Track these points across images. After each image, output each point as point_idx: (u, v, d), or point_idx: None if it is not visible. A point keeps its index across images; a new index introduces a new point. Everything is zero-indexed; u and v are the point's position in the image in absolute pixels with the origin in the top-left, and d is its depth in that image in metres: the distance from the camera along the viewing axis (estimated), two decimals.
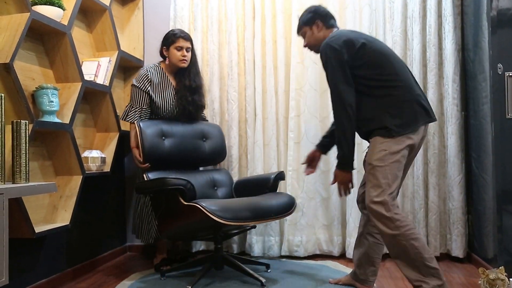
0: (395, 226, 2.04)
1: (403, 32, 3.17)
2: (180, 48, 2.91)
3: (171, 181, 2.41)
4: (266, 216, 2.46)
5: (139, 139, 2.76)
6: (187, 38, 2.95)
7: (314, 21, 2.40)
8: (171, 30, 3.00)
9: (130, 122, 2.88)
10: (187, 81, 2.96)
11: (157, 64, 3.00)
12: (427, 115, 2.19)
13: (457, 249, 3.00)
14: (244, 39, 3.30)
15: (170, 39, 2.94)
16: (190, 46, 2.96)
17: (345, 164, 2.23)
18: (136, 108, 2.89)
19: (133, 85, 2.92)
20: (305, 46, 2.51)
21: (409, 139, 2.13)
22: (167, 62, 2.97)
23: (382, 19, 3.18)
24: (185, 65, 2.95)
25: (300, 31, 2.48)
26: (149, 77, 2.90)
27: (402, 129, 2.11)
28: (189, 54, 2.96)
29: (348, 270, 2.80)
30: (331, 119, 3.16)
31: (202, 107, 3.06)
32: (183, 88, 2.96)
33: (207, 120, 3.25)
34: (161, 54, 3.01)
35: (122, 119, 2.95)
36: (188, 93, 2.95)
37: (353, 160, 2.24)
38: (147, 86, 2.89)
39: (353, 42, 2.20)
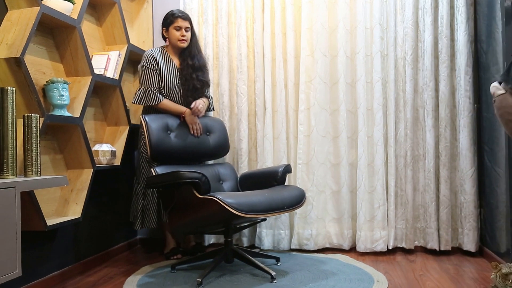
0: None
1: (415, 23, 3.12)
2: (179, 28, 2.95)
3: (186, 175, 2.40)
4: (280, 208, 2.46)
5: (145, 134, 2.76)
6: (186, 17, 2.99)
7: None
8: (169, 11, 3.03)
9: (156, 104, 2.89)
10: (190, 60, 3.00)
11: (161, 47, 3.05)
12: None
13: (469, 243, 2.98)
14: (254, 32, 3.28)
15: (169, 19, 2.99)
16: (189, 26, 3.00)
17: None
18: (153, 89, 2.90)
19: (143, 66, 2.93)
20: None
21: None
22: (167, 43, 3.03)
23: (393, 10, 3.14)
24: (184, 45, 2.98)
25: None
26: (154, 56, 2.94)
27: None
28: (188, 34, 2.99)
29: (358, 263, 2.80)
30: (341, 111, 3.16)
31: (207, 83, 3.07)
32: (186, 67, 2.99)
33: (211, 108, 3.17)
34: (162, 36, 3.07)
35: (137, 103, 2.93)
36: (191, 71, 2.99)
37: None
38: (154, 65, 2.92)
39: None
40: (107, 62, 2.89)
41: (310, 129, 3.20)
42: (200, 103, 2.96)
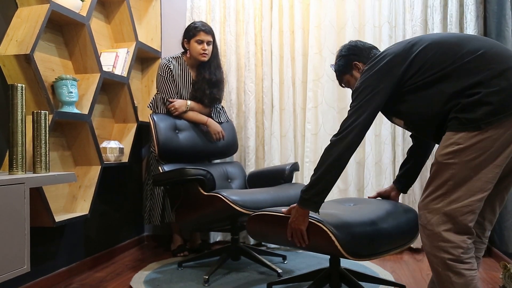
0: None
1: (424, 21, 3.11)
2: (200, 42, 2.88)
3: (191, 171, 2.41)
4: (285, 205, 2.45)
5: (153, 133, 2.76)
6: (208, 31, 2.91)
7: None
8: (192, 23, 2.97)
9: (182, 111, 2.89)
10: (207, 74, 2.94)
11: (179, 55, 2.99)
12: None
13: None
14: (262, 30, 3.28)
15: (191, 32, 2.91)
16: (211, 40, 2.92)
17: None
18: (173, 97, 2.90)
19: (159, 75, 2.91)
20: None
21: None
22: (188, 55, 2.95)
23: (402, 8, 3.12)
24: (205, 58, 2.92)
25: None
26: (170, 68, 2.90)
27: None
28: (210, 48, 2.92)
29: (365, 262, 2.79)
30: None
31: (217, 100, 3.02)
32: (201, 81, 2.94)
33: (221, 120, 3.09)
34: (183, 46, 3.00)
35: (152, 109, 2.92)
36: (206, 86, 2.94)
37: None
38: (169, 75, 2.89)
39: None
40: (115, 60, 2.91)
41: (318, 127, 3.19)
42: (216, 128, 2.96)
